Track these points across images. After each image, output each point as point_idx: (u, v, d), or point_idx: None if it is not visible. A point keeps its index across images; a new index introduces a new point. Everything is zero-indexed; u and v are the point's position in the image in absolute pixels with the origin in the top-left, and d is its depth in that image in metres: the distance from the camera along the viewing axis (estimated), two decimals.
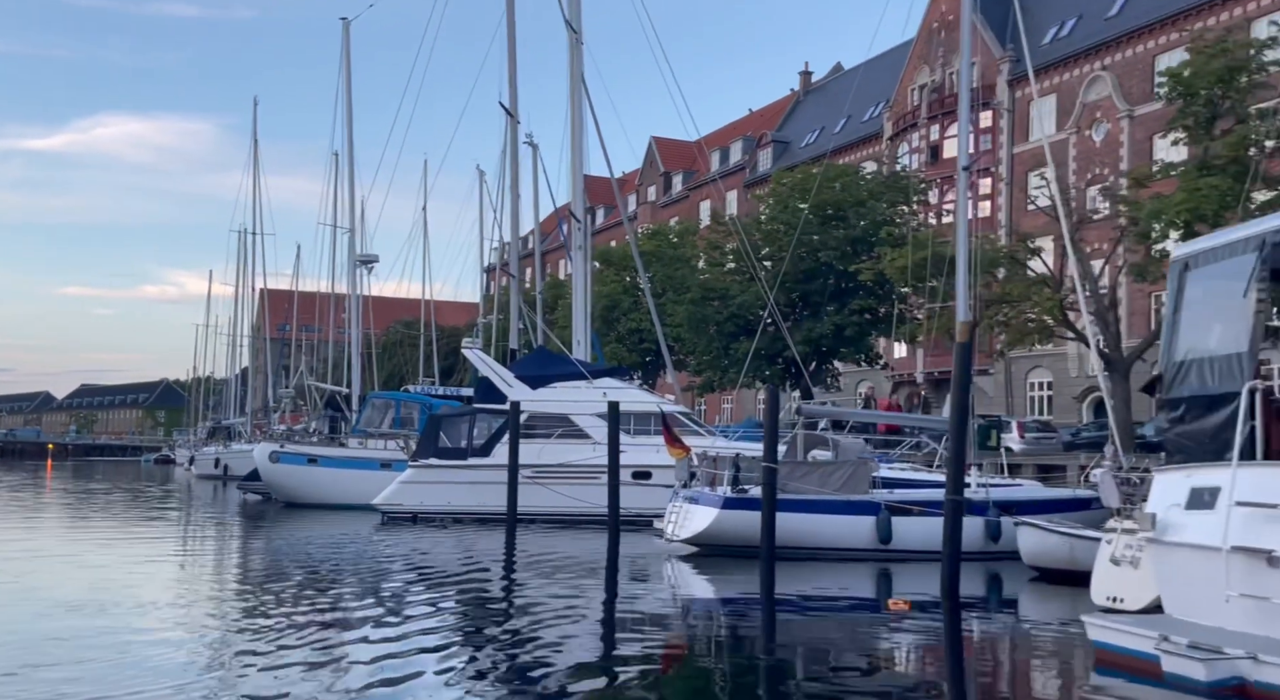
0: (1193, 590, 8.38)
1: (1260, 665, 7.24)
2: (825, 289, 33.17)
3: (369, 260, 35.04)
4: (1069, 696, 8.38)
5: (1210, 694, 7.35)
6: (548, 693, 7.77)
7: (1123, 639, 8.30)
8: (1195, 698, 7.37)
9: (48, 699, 7.05)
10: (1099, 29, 40.17)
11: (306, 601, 11.89)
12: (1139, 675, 7.97)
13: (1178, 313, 9.10)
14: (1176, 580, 8.63)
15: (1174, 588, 8.69)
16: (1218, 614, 8.04)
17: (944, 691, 8.46)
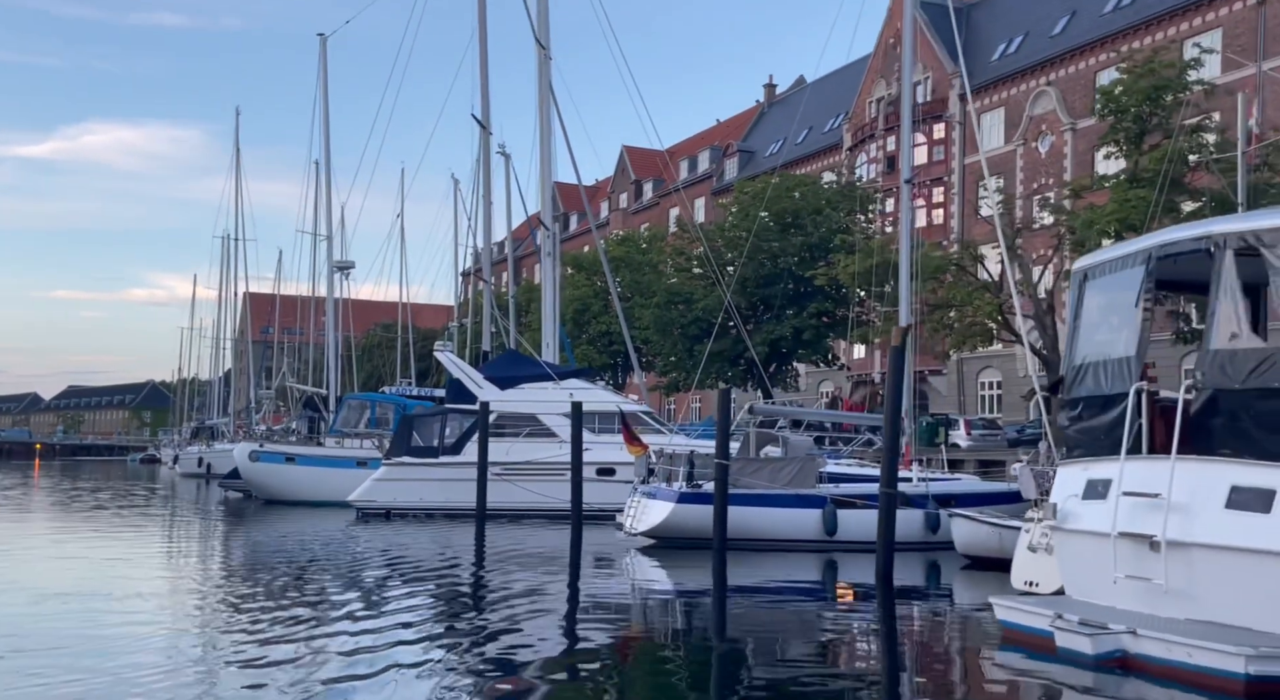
0: (1087, 573, 8.90)
1: (1139, 639, 7.76)
2: (784, 293, 33.70)
3: (345, 266, 35.30)
4: (977, 671, 8.87)
5: (1096, 666, 7.86)
6: (513, 678, 7.99)
7: (1023, 618, 8.81)
8: (1084, 669, 7.89)
9: (29, 686, 7.23)
10: (1044, 46, 40.97)
11: (282, 594, 12.11)
12: (1036, 651, 8.47)
13: (1078, 320, 9.63)
14: (1074, 564, 9.16)
15: (1072, 571, 9.22)
16: (1108, 594, 8.57)
17: (876, 670, 8.90)
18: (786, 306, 34.12)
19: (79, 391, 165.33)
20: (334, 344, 34.04)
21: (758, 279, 34.01)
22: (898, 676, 8.62)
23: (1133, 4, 36.93)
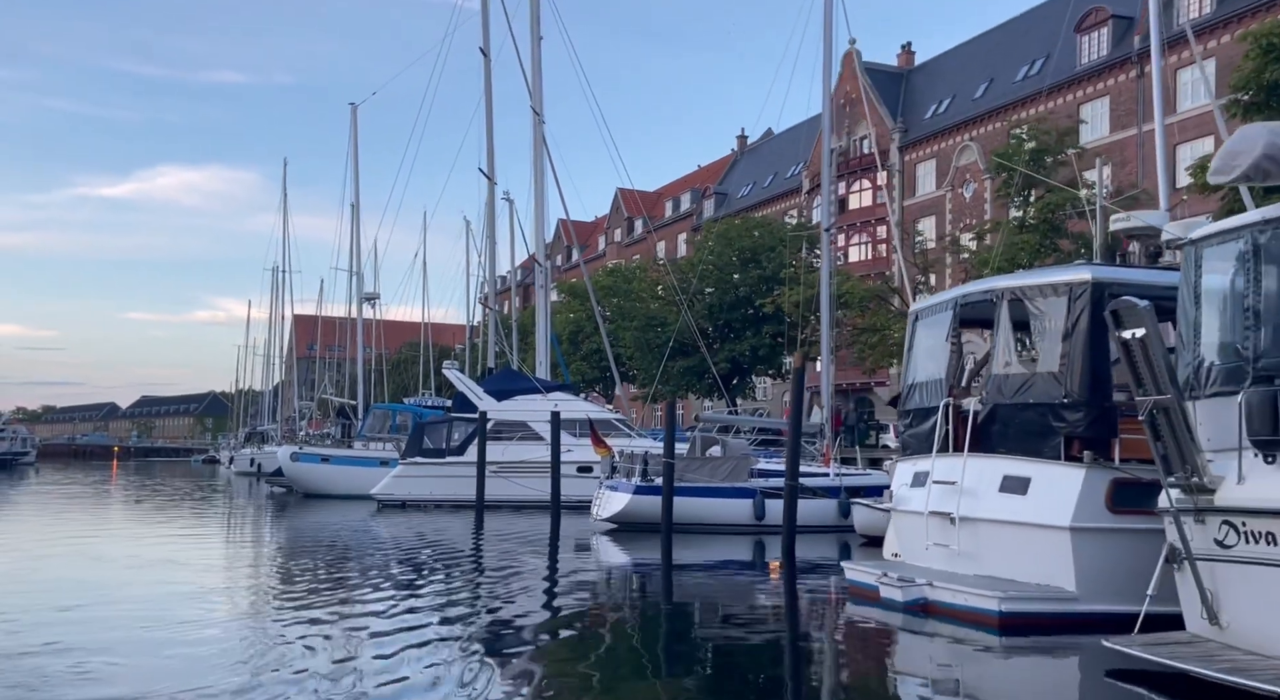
0: (912, 543, 10.34)
1: (935, 589, 9.19)
2: (744, 317, 35.10)
3: (372, 297, 36.84)
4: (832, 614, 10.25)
5: (905, 609, 9.31)
6: (498, 635, 8.59)
7: (860, 577, 10.25)
8: (897, 612, 9.33)
9: (70, 637, 7.98)
10: (968, 107, 42.49)
11: (316, 570, 13.11)
12: (869, 600, 9.90)
13: (911, 350, 11.09)
14: (904, 536, 10.59)
15: (903, 542, 10.64)
16: (924, 558, 10.00)
17: (779, 617, 10.24)
18: (746, 329, 35.53)
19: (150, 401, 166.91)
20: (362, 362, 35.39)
21: (721, 305, 35.42)
22: (791, 620, 10.03)
23: (1038, 73, 38.45)
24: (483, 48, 31.50)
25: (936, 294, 10.94)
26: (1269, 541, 6.47)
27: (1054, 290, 9.06)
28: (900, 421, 11.18)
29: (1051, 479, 8.74)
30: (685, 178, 73.00)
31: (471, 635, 8.43)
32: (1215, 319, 7.19)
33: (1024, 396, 9.18)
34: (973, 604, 8.69)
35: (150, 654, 7.53)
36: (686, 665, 7.84)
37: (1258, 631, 6.66)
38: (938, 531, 9.72)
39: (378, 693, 6.34)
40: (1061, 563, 8.55)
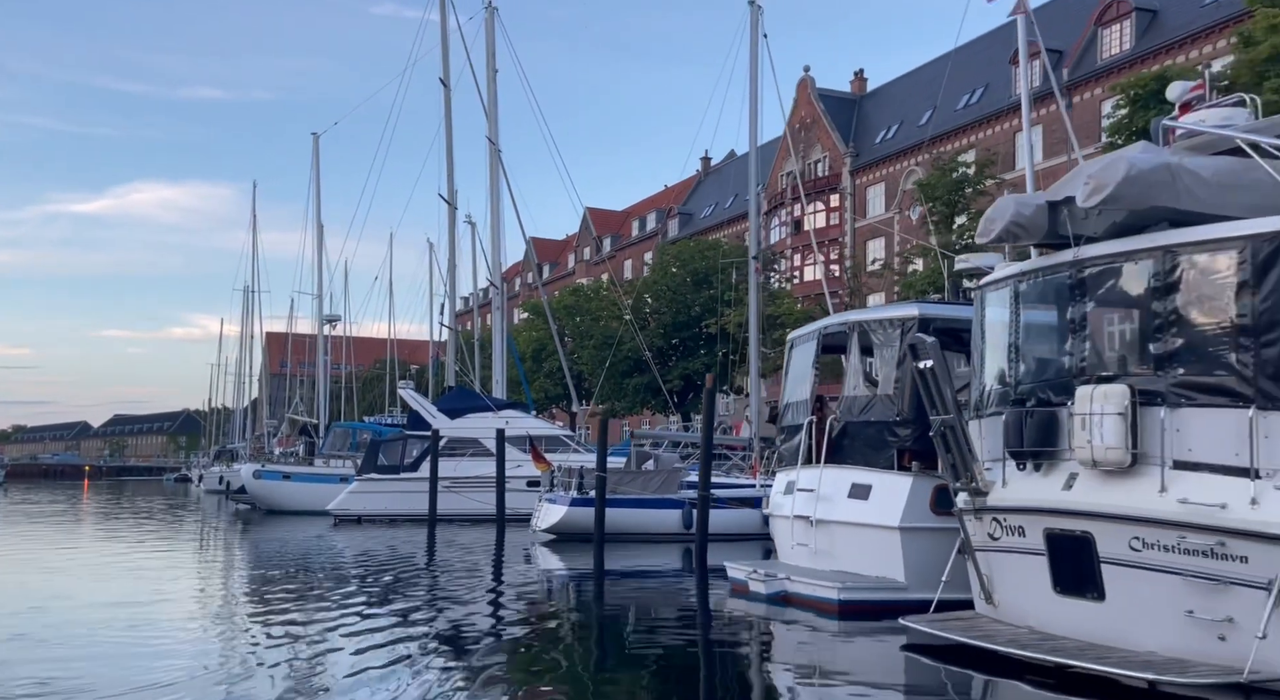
0: (783, 543, 11.80)
1: (793, 582, 10.65)
2: (697, 336, 36.63)
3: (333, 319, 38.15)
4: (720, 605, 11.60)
5: (769, 600, 10.76)
6: (443, 640, 9.13)
7: (737, 574, 11.69)
8: (762, 603, 10.77)
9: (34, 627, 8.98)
10: (914, 133, 44.39)
11: (272, 581, 13.91)
12: (742, 594, 11.36)
13: (787, 374, 12.59)
14: (778, 538, 12.05)
15: (778, 542, 12.10)
16: (791, 556, 11.46)
17: (690, 610, 11.52)
18: (699, 347, 37.04)
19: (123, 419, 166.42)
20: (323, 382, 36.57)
21: (675, 324, 36.93)
22: (699, 612, 11.27)
23: (978, 102, 40.40)
24: (442, 78, 33.01)
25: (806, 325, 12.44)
26: (1020, 534, 7.98)
27: (890, 324, 10.59)
28: (777, 437, 12.66)
29: (887, 486, 10.24)
30: (652, 197, 74.76)
31: (419, 640, 8.84)
32: (992, 351, 8.72)
33: (867, 415, 10.69)
34: (819, 594, 10.15)
35: (106, 666, 7.75)
36: (609, 660, 8.75)
37: (1016, 607, 8.17)
38: (801, 533, 11.20)
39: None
40: (893, 557, 10.03)
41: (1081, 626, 7.49)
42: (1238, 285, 6.72)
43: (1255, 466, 6.48)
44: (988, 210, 8.34)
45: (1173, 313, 7.08)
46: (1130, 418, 7.08)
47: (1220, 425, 6.69)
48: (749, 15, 22.54)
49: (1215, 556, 6.56)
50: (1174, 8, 33.28)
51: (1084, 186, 7.34)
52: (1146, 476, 7.02)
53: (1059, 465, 7.73)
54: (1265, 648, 6.27)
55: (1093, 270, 7.67)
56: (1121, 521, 7.08)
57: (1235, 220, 7.02)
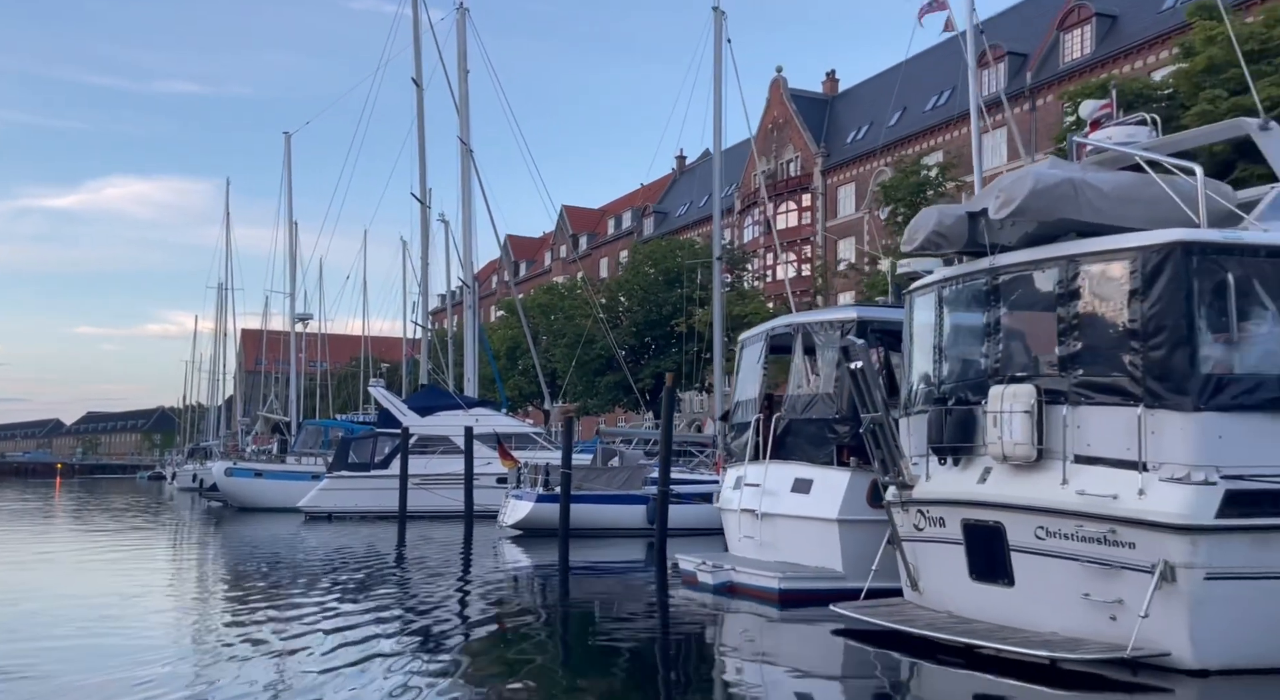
0: (733, 536, 12.30)
1: (739, 573, 11.15)
2: (668, 335, 37.13)
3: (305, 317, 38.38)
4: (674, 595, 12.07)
5: (715, 590, 11.25)
6: (410, 632, 9.38)
7: (687, 565, 12.18)
8: (709, 592, 11.26)
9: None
10: (884, 134, 45.06)
11: (244, 577, 14.29)
12: (692, 585, 11.84)
13: (736, 373, 13.09)
14: (728, 531, 12.54)
15: (728, 535, 12.60)
16: (740, 548, 11.96)
17: (650, 600, 11.97)
18: (671, 345, 37.55)
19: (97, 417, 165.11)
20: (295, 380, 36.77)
21: (647, 323, 37.41)
22: (658, 605, 11.64)
23: (946, 104, 41.11)
24: (415, 78, 33.28)
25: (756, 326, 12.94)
26: (940, 525, 8.51)
27: (831, 325, 11.10)
28: (728, 434, 13.16)
29: (826, 480, 10.75)
30: (628, 195, 75.20)
31: (389, 637, 8.95)
32: (919, 353, 9.25)
33: (809, 413, 11.21)
34: (761, 583, 10.66)
35: (73, 664, 7.76)
36: (570, 652, 9.09)
37: (938, 593, 8.70)
38: (748, 526, 11.70)
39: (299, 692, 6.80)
40: (831, 548, 10.55)
41: (994, 610, 8.03)
42: (1130, 293, 7.26)
43: (1144, 460, 7.02)
44: (913, 219, 8.86)
45: (1075, 318, 7.62)
46: (1036, 416, 7.61)
47: (1114, 422, 7.23)
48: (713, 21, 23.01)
49: (1108, 543, 7.10)
50: (1133, 13, 34.08)
51: (995, 200, 7.87)
52: (1050, 470, 7.56)
53: (975, 460, 8.26)
54: (1147, 626, 6.82)
55: (1006, 277, 8.21)
56: (1028, 512, 7.62)
57: (1134, 232, 7.57)
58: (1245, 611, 6.78)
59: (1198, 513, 6.74)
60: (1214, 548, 6.75)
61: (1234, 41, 13.66)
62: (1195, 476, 6.82)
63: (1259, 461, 6.85)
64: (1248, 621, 6.79)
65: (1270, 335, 7.14)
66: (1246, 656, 6.83)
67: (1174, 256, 7.06)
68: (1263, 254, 7.17)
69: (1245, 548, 6.79)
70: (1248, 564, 6.79)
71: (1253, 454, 6.86)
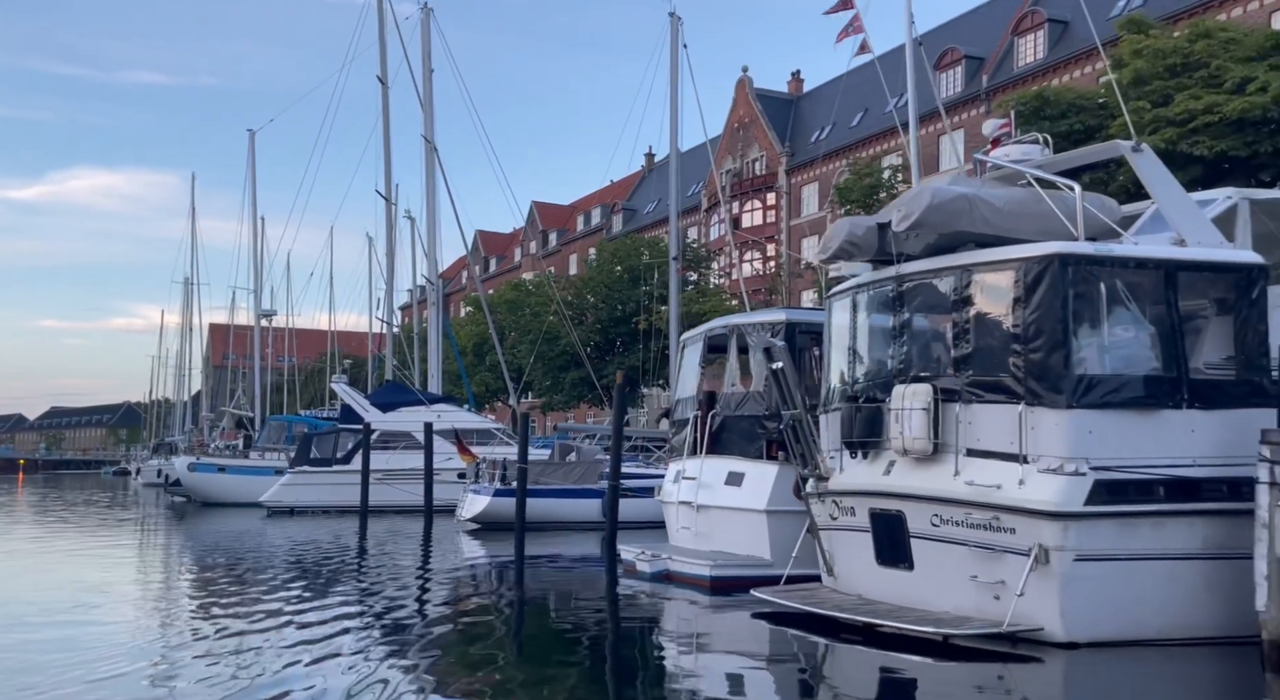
0: (673, 527, 12.93)
1: (674, 561, 11.78)
2: (632, 331, 37.72)
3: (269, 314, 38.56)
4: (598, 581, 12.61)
5: (653, 578, 11.87)
6: (369, 625, 9.54)
7: (627, 555, 12.80)
8: (646, 581, 11.87)
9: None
10: (846, 135, 45.93)
11: (202, 571, 14.64)
12: (632, 574, 12.46)
13: (679, 372, 13.71)
14: (669, 522, 13.17)
15: (669, 527, 13.23)
16: (679, 539, 12.60)
17: (600, 589, 12.53)
18: (635, 342, 38.15)
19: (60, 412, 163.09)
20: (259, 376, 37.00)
21: (612, 320, 37.99)
22: (608, 596, 12.01)
23: (904, 106, 41.97)
24: (380, 76, 33.57)
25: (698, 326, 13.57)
26: (851, 514, 9.18)
27: (761, 327, 11.75)
28: (671, 430, 13.78)
29: (756, 474, 11.40)
30: (598, 192, 75.51)
31: (350, 632, 9.06)
32: (836, 354, 9.91)
33: (741, 409, 11.85)
34: (694, 571, 11.29)
35: (30, 662, 7.69)
36: (523, 642, 9.43)
37: (850, 577, 9.38)
38: (686, 517, 12.33)
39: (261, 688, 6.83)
40: (760, 537, 11.20)
41: (897, 592, 8.71)
42: (1014, 300, 7.95)
43: (1024, 453, 7.72)
44: (828, 229, 9.51)
45: (968, 322, 8.30)
46: (933, 413, 8.28)
47: (1000, 418, 7.92)
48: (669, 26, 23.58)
49: (992, 529, 7.80)
50: (1083, 20, 35.07)
51: (897, 213, 8.53)
52: (945, 463, 8.24)
53: (882, 454, 8.93)
54: (1023, 603, 7.52)
55: (910, 284, 8.87)
56: (925, 501, 8.30)
57: (1026, 243, 8.26)
58: (1110, 590, 7.50)
59: (1069, 500, 7.44)
60: (1083, 532, 7.45)
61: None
62: (1067, 468, 7.52)
63: (1124, 454, 7.56)
64: (1112, 599, 7.50)
65: (1136, 339, 7.85)
66: (1111, 630, 7.55)
67: (1052, 267, 7.75)
68: (1131, 266, 7.88)
69: (1111, 532, 7.51)
70: (1113, 547, 7.50)
71: (1119, 447, 7.57)
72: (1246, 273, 8.05)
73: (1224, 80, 15.48)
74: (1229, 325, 8.09)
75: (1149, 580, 7.54)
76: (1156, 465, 7.59)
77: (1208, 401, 7.83)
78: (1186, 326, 8.06)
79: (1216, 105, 15.00)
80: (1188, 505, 7.63)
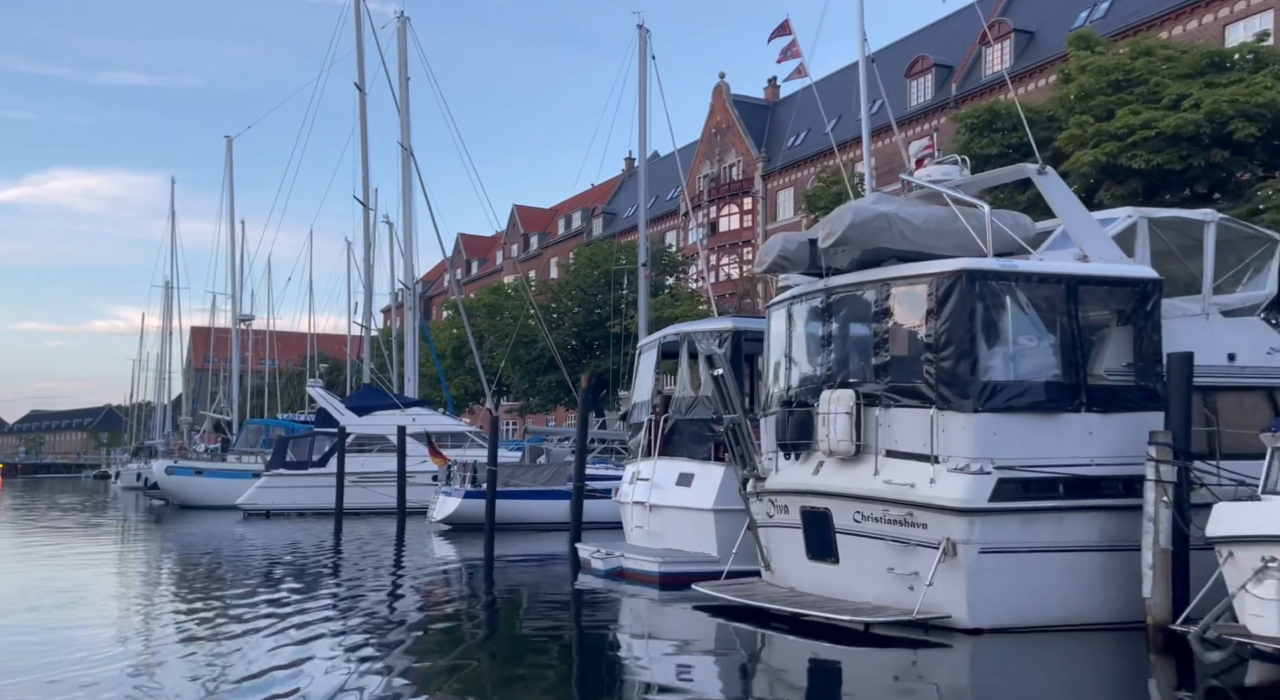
0: (628, 526, 13.51)
1: (627, 559, 12.35)
2: (608, 335, 38.25)
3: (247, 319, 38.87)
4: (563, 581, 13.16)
5: (606, 575, 12.44)
6: (342, 624, 9.77)
7: (584, 554, 13.37)
8: (600, 579, 12.44)
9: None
10: (820, 141, 46.55)
11: (177, 574, 15.04)
12: (588, 571, 13.03)
13: (636, 377, 14.29)
14: (626, 521, 13.74)
15: (625, 525, 13.80)
16: (635, 537, 13.17)
17: (566, 585, 12.95)
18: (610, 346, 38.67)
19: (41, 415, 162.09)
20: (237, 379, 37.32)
21: (588, 323, 38.54)
22: (571, 593, 12.43)
23: (877, 112, 42.72)
24: (357, 83, 34.02)
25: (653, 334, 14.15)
26: (785, 511, 9.78)
27: (710, 335, 12.34)
28: (628, 433, 14.36)
29: (704, 475, 11.99)
30: (579, 196, 76.06)
31: (321, 633, 9.22)
32: (774, 360, 10.52)
33: (691, 413, 12.44)
34: (644, 568, 11.87)
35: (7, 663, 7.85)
36: (494, 638, 9.86)
37: (784, 571, 9.98)
38: (640, 516, 12.91)
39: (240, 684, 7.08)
40: (708, 535, 11.78)
41: (825, 584, 9.31)
42: (927, 312, 8.57)
43: (935, 453, 8.34)
44: (763, 244, 10.11)
45: (887, 332, 8.92)
46: (855, 416, 8.89)
47: (915, 421, 8.54)
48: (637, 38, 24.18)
49: (906, 524, 8.41)
50: (1048, 30, 35.90)
51: (822, 231, 9.15)
52: (866, 463, 8.85)
53: (812, 455, 9.54)
54: (932, 593, 8.14)
55: (837, 297, 9.49)
56: (848, 499, 8.91)
57: (942, 258, 8.88)
58: (1012, 580, 8.12)
59: (974, 497, 8.06)
60: (987, 527, 8.08)
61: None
62: (974, 467, 8.14)
63: (1026, 454, 8.19)
64: (1014, 588, 8.13)
65: (1038, 348, 8.49)
66: (1013, 617, 8.18)
67: (960, 282, 8.37)
68: (1035, 280, 8.51)
69: (1013, 526, 8.13)
70: (1015, 540, 8.13)
71: (1021, 448, 8.20)
72: (1143, 287, 8.70)
73: (1162, 97, 16.18)
74: (1129, 335, 8.73)
75: (1049, 571, 8.17)
76: (1056, 465, 8.22)
77: (1106, 405, 8.47)
78: (1090, 336, 8.70)
79: (1154, 121, 15.69)
80: (1085, 501, 8.26)
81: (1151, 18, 30.94)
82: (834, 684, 7.93)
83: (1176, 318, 9.07)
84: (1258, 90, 15.16)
